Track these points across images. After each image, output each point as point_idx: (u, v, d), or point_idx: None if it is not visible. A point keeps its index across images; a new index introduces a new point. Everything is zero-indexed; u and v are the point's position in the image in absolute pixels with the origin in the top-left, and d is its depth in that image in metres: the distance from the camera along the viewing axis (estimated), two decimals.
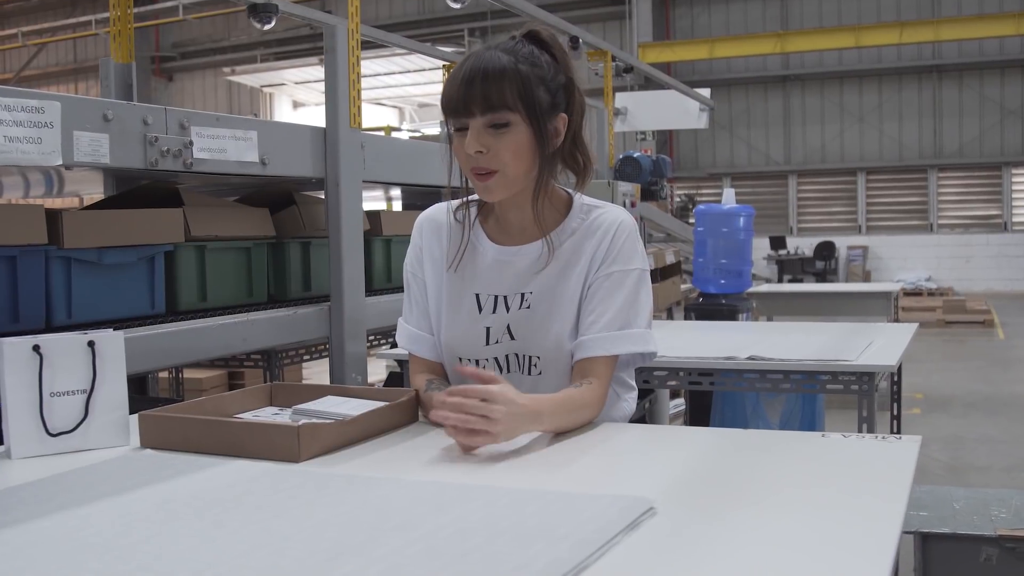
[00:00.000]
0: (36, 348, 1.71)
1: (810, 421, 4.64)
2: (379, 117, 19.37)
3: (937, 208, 18.44)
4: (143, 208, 2.63)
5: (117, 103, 2.28)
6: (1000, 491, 3.28)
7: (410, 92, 19.62)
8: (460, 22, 18.87)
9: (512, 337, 1.86)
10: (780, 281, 16.13)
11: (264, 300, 3.00)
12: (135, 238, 2.51)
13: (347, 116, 2.97)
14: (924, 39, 16.61)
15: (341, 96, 2.96)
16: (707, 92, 8.60)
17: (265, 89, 20.68)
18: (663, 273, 6.91)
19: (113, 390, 1.77)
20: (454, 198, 1.92)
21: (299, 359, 4.50)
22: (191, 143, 2.44)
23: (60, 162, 2.09)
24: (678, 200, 17.94)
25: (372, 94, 18.88)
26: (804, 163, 19.09)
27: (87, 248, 2.37)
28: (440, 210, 1.98)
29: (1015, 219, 18.27)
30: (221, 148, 2.53)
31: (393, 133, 14.83)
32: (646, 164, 5.65)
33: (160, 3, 17.73)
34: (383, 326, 3.29)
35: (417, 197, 4.43)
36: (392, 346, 3.97)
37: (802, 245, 18.56)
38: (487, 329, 1.87)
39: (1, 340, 1.71)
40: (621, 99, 7.83)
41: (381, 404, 1.82)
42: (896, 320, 7.72)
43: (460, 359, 1.91)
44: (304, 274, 3.14)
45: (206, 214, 2.77)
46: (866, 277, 17.85)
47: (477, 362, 1.89)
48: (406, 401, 1.85)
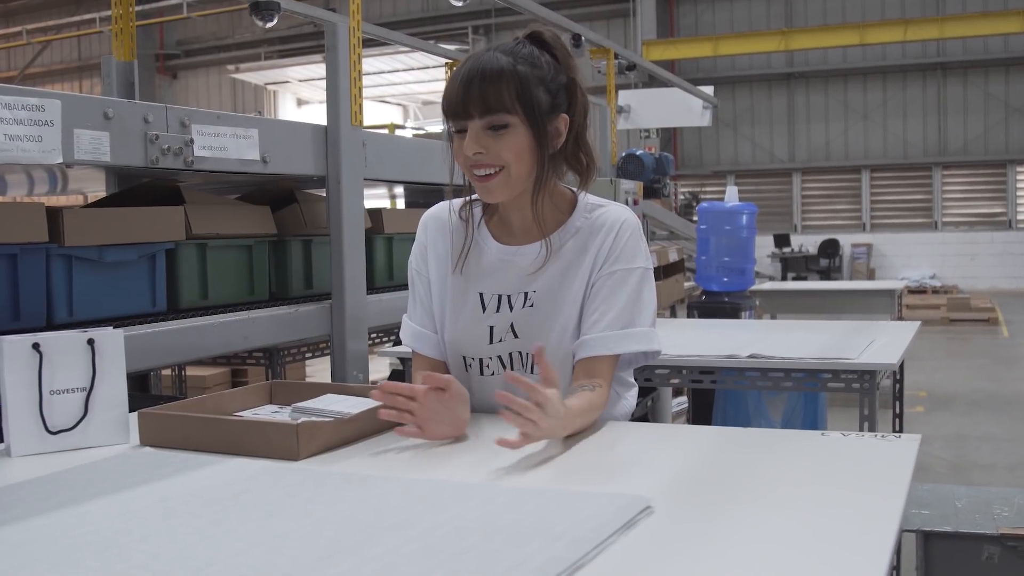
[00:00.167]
0: (36, 346, 1.71)
1: (812, 419, 4.63)
2: (383, 115, 19.37)
3: (941, 206, 18.41)
4: (144, 206, 2.63)
5: (118, 101, 2.28)
6: (1003, 490, 3.27)
7: (414, 90, 19.62)
8: (464, 19, 18.86)
9: (515, 336, 1.86)
10: (784, 279, 16.11)
11: (266, 298, 3.00)
12: (136, 236, 2.52)
13: (348, 114, 2.97)
14: (928, 36, 16.58)
15: (342, 94, 2.96)
16: (710, 90, 8.58)
17: (269, 87, 20.69)
18: (666, 271, 6.92)
19: (113, 388, 1.77)
20: (456, 197, 1.92)
21: (301, 357, 4.50)
22: (192, 141, 2.44)
23: (60, 160, 2.09)
24: (682, 198, 17.93)
25: (376, 91, 18.88)
26: (808, 161, 19.07)
27: (88, 246, 2.38)
28: (445, 208, 1.98)
29: (1019, 217, 18.24)
30: (222, 146, 2.53)
31: (397, 131, 14.83)
32: (649, 162, 5.65)
33: (164, 1, 17.73)
34: (385, 324, 3.29)
35: (420, 195, 4.43)
36: (395, 344, 3.97)
37: (806, 243, 18.53)
38: (491, 328, 1.87)
39: (1, 338, 1.71)
40: (625, 97, 7.82)
41: (381, 403, 1.81)
42: (900, 318, 7.71)
43: (464, 358, 1.91)
44: (306, 272, 3.15)
45: (207, 212, 2.78)
46: (870, 275, 17.82)
47: (480, 360, 1.90)
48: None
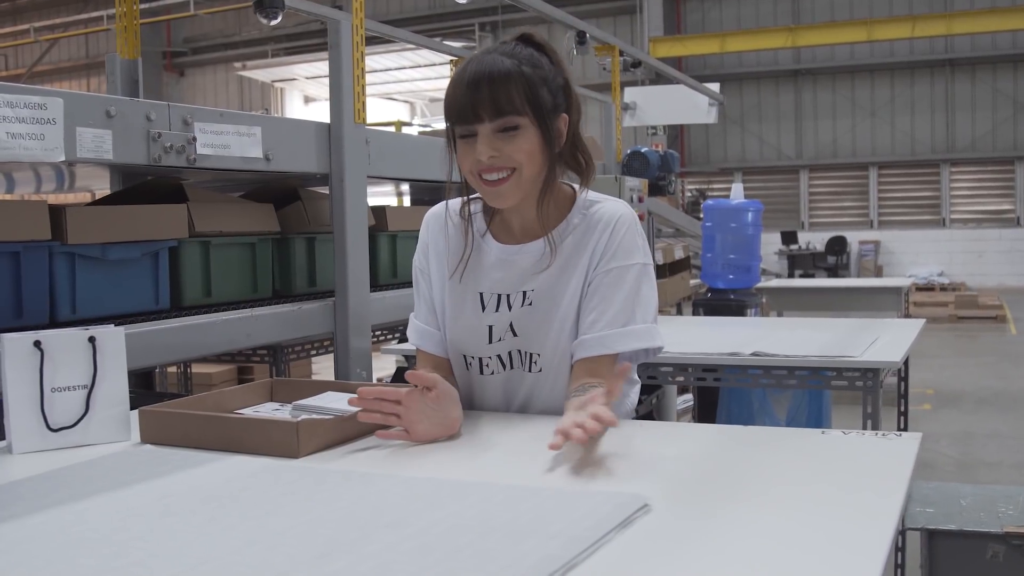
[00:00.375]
0: (37, 344, 1.71)
1: (817, 417, 4.62)
2: (390, 112, 19.36)
3: (949, 203, 18.35)
4: (147, 204, 2.64)
5: (120, 99, 2.28)
6: (1008, 488, 3.26)
7: (421, 87, 19.60)
8: (470, 16, 18.84)
9: (515, 334, 1.86)
10: (791, 276, 16.09)
11: (269, 295, 3.00)
12: (139, 234, 2.52)
13: (351, 111, 2.97)
14: (936, 33, 16.51)
15: (345, 91, 2.96)
16: (717, 87, 8.57)
17: (276, 84, 20.67)
18: (672, 268, 6.92)
19: (113, 386, 1.78)
20: (455, 196, 1.91)
21: (305, 354, 4.51)
22: (194, 139, 2.44)
23: (63, 158, 2.10)
24: (689, 195, 17.91)
25: (383, 89, 18.86)
26: (816, 158, 19.02)
27: (91, 244, 2.38)
28: (447, 207, 1.98)
29: None
30: (225, 144, 2.53)
31: (404, 128, 14.83)
32: (654, 159, 5.63)
33: None
34: (389, 321, 3.29)
35: (425, 192, 4.43)
36: (400, 341, 3.98)
37: (813, 240, 18.50)
38: (490, 328, 1.87)
39: (2, 336, 1.71)
40: (630, 94, 7.81)
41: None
42: (907, 316, 7.70)
43: (464, 356, 1.91)
44: (309, 270, 3.15)
45: (210, 210, 2.78)
46: (878, 272, 17.78)
47: (480, 360, 1.90)
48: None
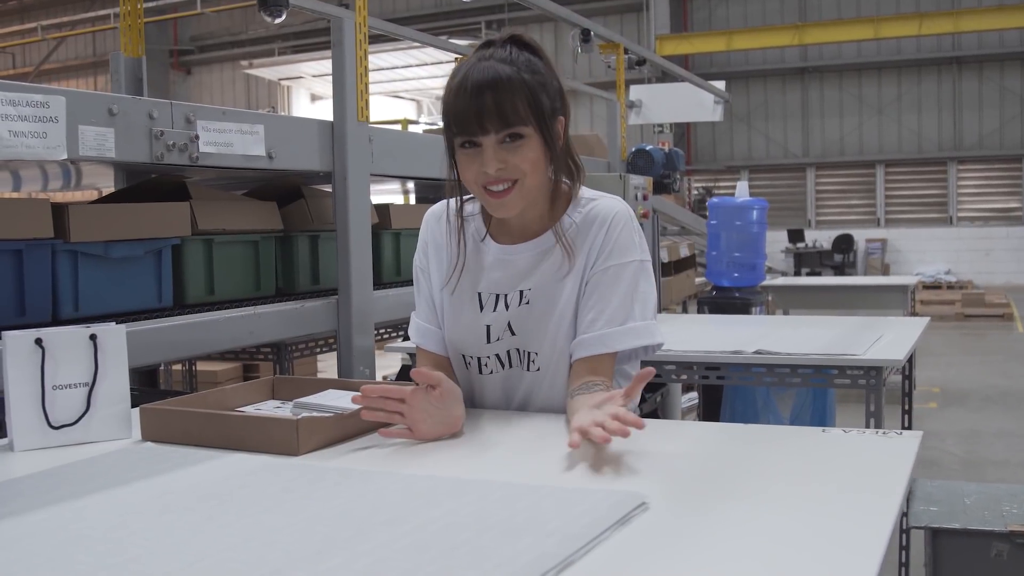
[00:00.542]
0: (38, 341, 1.72)
1: (821, 415, 4.61)
2: (397, 110, 19.36)
3: (956, 201, 18.30)
4: (151, 202, 2.64)
5: (122, 97, 2.29)
6: (1012, 486, 3.25)
7: (427, 85, 19.58)
8: (477, 15, 18.84)
9: (513, 333, 1.86)
10: (798, 274, 16.06)
11: (272, 293, 3.01)
12: (142, 232, 2.53)
13: (355, 109, 2.97)
14: (944, 30, 16.46)
15: (349, 89, 2.97)
16: (723, 84, 8.56)
17: (283, 82, 20.69)
18: (677, 266, 6.91)
19: (115, 383, 1.78)
20: (453, 196, 1.91)
21: (309, 352, 4.51)
22: (197, 137, 2.45)
23: (65, 156, 2.11)
24: (696, 193, 17.90)
25: (390, 87, 18.87)
26: (822, 156, 18.99)
27: (94, 242, 2.39)
28: (446, 206, 1.98)
29: None
30: (227, 142, 2.53)
31: (410, 126, 14.82)
32: (658, 157, 5.62)
33: None
34: (392, 319, 3.29)
35: (430, 190, 4.43)
36: (404, 339, 3.98)
37: (820, 238, 18.46)
38: (487, 327, 1.87)
39: (3, 333, 1.72)
40: (636, 92, 7.79)
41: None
42: (913, 314, 7.69)
43: (463, 356, 1.91)
44: (312, 267, 3.15)
45: (213, 208, 2.78)
46: (885, 270, 17.74)
47: (479, 359, 1.90)
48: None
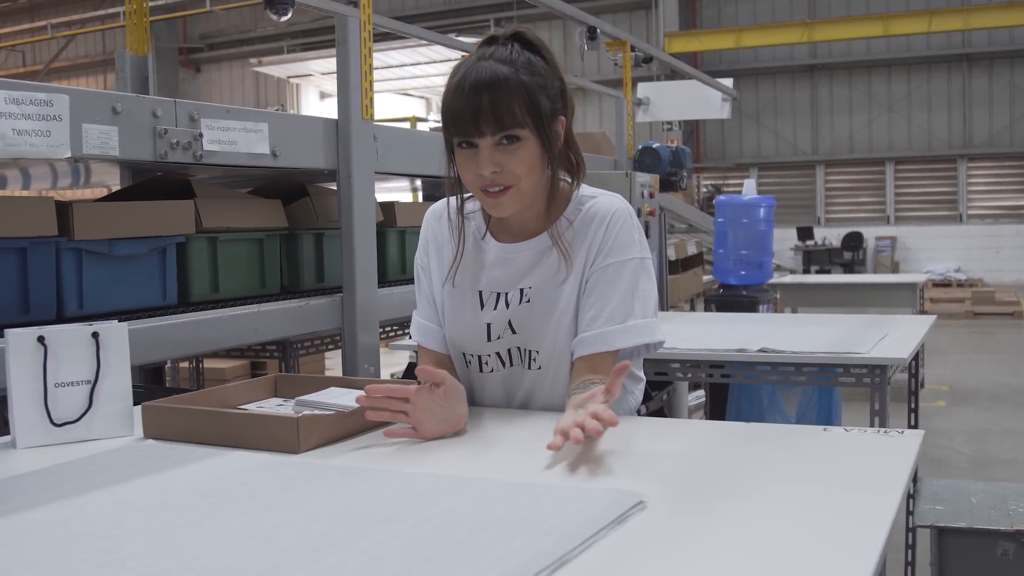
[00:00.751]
0: (41, 339, 1.73)
1: (827, 414, 4.61)
2: (406, 108, 19.36)
3: (966, 198, 18.22)
4: (155, 200, 2.65)
5: (126, 96, 2.29)
6: (1019, 485, 3.24)
7: (436, 83, 19.56)
8: (486, 12, 18.84)
9: (514, 331, 1.86)
10: (807, 272, 16.02)
11: (277, 291, 3.01)
12: (146, 230, 2.53)
13: (359, 107, 2.97)
14: (954, 27, 16.38)
15: (353, 87, 2.97)
16: (730, 82, 8.53)
17: (292, 80, 20.70)
18: (684, 264, 6.90)
19: (117, 381, 1.79)
20: (453, 194, 1.91)
21: (315, 350, 4.52)
22: (201, 135, 2.45)
23: (69, 155, 2.11)
24: (705, 191, 17.85)
25: (398, 84, 18.87)
26: (832, 153, 18.93)
27: (98, 240, 2.39)
28: (447, 205, 1.98)
29: None
30: (231, 140, 2.54)
31: (419, 124, 14.82)
32: (665, 155, 5.62)
33: None
34: (398, 317, 3.29)
35: (437, 188, 4.43)
36: (410, 337, 3.98)
37: (830, 236, 18.41)
38: (488, 326, 1.87)
39: (7, 331, 1.73)
40: (643, 89, 7.78)
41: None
42: (922, 312, 7.66)
43: (463, 354, 1.92)
44: (317, 265, 3.16)
45: (217, 206, 2.79)
46: (894, 268, 17.68)
47: (479, 357, 1.90)
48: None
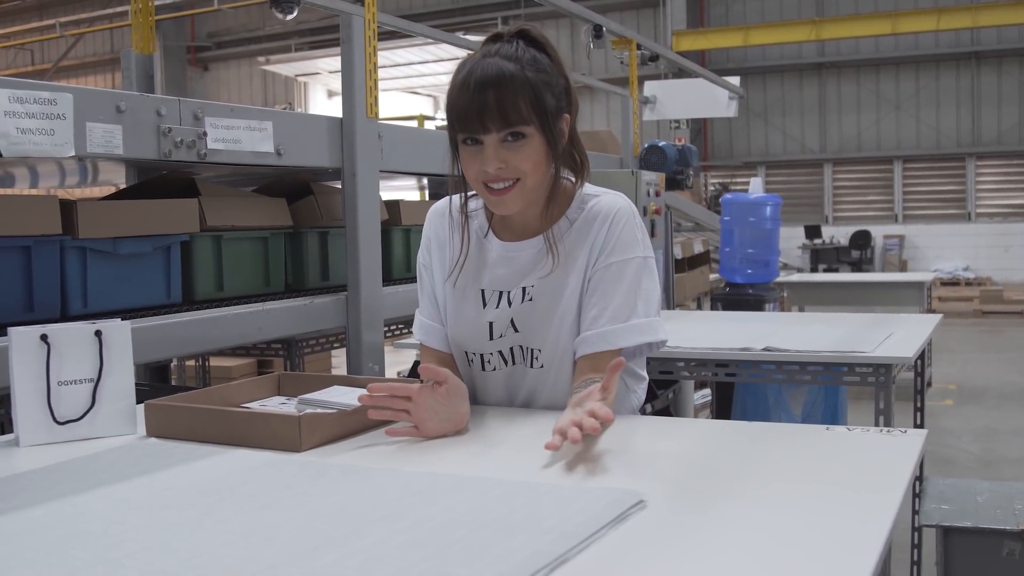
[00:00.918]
0: (44, 337, 1.73)
1: (832, 413, 4.60)
2: (414, 106, 19.38)
3: (975, 197, 18.16)
4: (159, 199, 2.65)
5: (130, 94, 2.30)
6: None
7: (444, 81, 19.54)
8: (493, 10, 18.83)
9: (516, 330, 1.86)
10: (815, 271, 15.99)
11: (282, 289, 3.02)
12: (150, 228, 2.54)
13: (364, 106, 2.97)
14: (962, 25, 16.33)
15: (358, 86, 2.97)
16: (738, 80, 8.53)
17: (300, 78, 20.76)
18: (691, 263, 6.89)
19: (120, 379, 1.79)
20: (456, 192, 1.91)
21: (320, 348, 4.52)
22: (205, 134, 2.45)
23: (73, 153, 2.12)
24: (712, 189, 17.83)
25: (406, 83, 18.91)
26: (840, 151, 18.88)
27: (102, 238, 2.40)
28: (449, 203, 1.98)
29: None
30: (235, 139, 2.54)
31: (427, 122, 14.84)
32: (671, 153, 5.61)
33: None
34: (403, 315, 3.29)
35: (442, 186, 4.43)
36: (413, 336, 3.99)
37: (837, 234, 18.37)
38: (490, 324, 1.87)
39: (9, 329, 1.73)
40: (650, 87, 7.78)
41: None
42: (930, 310, 7.65)
43: (466, 353, 1.92)
44: (322, 264, 3.16)
45: (222, 204, 2.79)
46: (903, 267, 17.64)
47: (481, 356, 1.90)
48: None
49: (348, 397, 1.85)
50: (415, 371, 4.63)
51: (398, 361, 6.84)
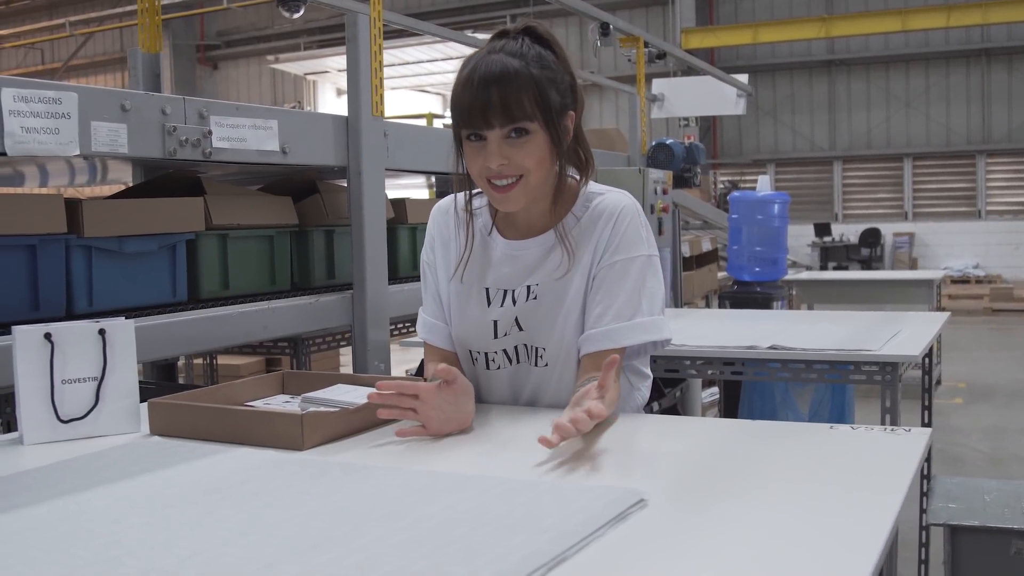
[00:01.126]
0: (47, 336, 1.73)
1: (840, 411, 4.58)
2: (423, 104, 19.37)
3: (985, 194, 18.08)
4: (165, 197, 2.65)
5: (135, 93, 2.30)
6: None
7: (452, 79, 19.54)
8: (501, 8, 18.82)
9: (520, 328, 1.86)
10: (824, 269, 15.95)
11: (287, 288, 3.02)
12: (156, 227, 2.54)
13: (369, 104, 2.97)
14: (972, 22, 16.26)
15: (363, 84, 2.97)
16: (745, 78, 8.51)
17: (309, 77, 20.75)
18: (699, 261, 6.88)
19: (123, 378, 1.79)
20: (461, 190, 1.91)
21: (327, 346, 4.53)
22: (210, 132, 2.46)
23: (77, 152, 2.12)
24: (721, 187, 17.79)
25: (415, 81, 18.89)
26: (849, 149, 18.83)
27: (107, 237, 2.40)
28: (452, 201, 1.98)
29: None
30: (240, 137, 2.54)
31: (436, 120, 14.83)
32: (679, 151, 5.60)
33: None
34: (409, 314, 3.29)
35: (448, 185, 4.43)
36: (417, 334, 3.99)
37: (847, 232, 18.32)
38: (495, 323, 1.87)
39: (14, 328, 1.74)
40: (658, 85, 7.78)
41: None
42: (939, 308, 7.62)
43: (470, 351, 1.91)
44: (328, 262, 3.16)
45: (227, 203, 2.79)
46: (912, 264, 17.58)
47: (486, 354, 1.90)
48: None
49: (351, 396, 1.85)
50: (421, 371, 4.63)
51: (404, 360, 6.84)
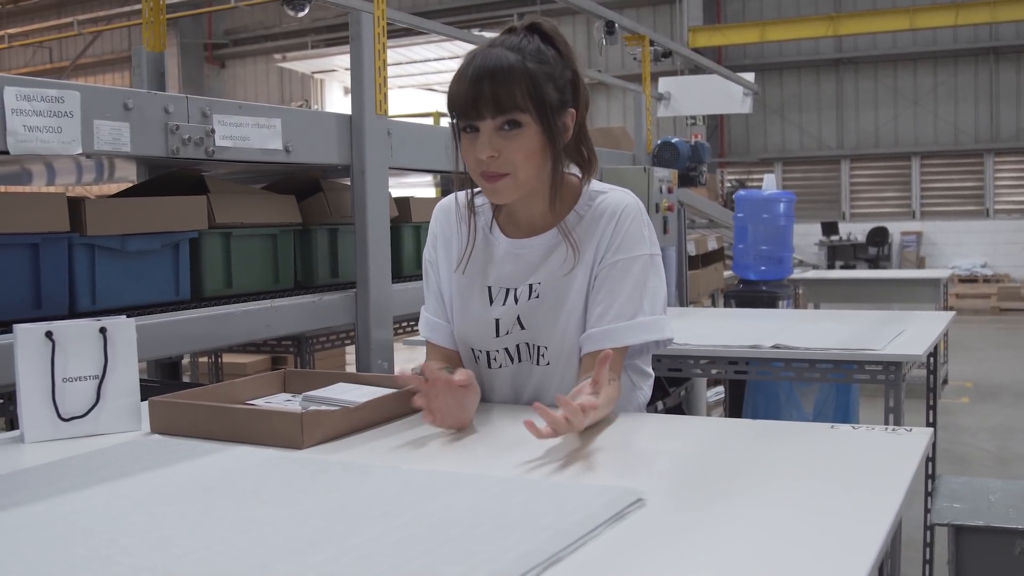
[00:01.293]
0: (48, 334, 1.74)
1: (844, 410, 4.57)
2: (430, 103, 19.36)
3: (993, 193, 18.03)
4: (168, 196, 2.66)
5: (138, 92, 2.31)
6: None
7: None
8: (509, 7, 18.80)
9: (522, 327, 1.86)
10: (832, 267, 15.92)
11: (291, 286, 3.02)
12: (159, 225, 2.55)
13: (373, 103, 2.97)
14: (981, 20, 16.20)
15: (367, 83, 2.97)
16: (753, 76, 8.50)
17: (316, 75, 20.75)
18: (705, 260, 6.88)
19: (124, 376, 1.80)
20: (462, 188, 1.91)
21: (331, 344, 4.52)
22: (213, 131, 2.46)
23: (80, 151, 2.12)
24: (728, 185, 17.76)
25: (422, 79, 18.89)
26: (857, 148, 18.78)
27: (110, 235, 2.41)
28: (455, 199, 1.98)
29: None
30: (244, 136, 2.55)
31: (443, 119, 14.83)
32: (684, 150, 5.59)
33: None
34: (412, 312, 3.30)
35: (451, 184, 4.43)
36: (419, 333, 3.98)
37: (855, 231, 18.28)
38: (496, 321, 1.87)
39: (15, 326, 1.74)
40: (665, 84, 7.77)
41: (389, 392, 1.83)
42: (946, 307, 7.61)
43: (472, 350, 1.91)
44: (331, 261, 3.17)
45: (231, 201, 2.80)
46: (920, 263, 17.53)
47: (488, 353, 1.90)
48: (412, 389, 1.85)
49: (352, 394, 1.85)
50: None
51: (408, 358, 6.84)
